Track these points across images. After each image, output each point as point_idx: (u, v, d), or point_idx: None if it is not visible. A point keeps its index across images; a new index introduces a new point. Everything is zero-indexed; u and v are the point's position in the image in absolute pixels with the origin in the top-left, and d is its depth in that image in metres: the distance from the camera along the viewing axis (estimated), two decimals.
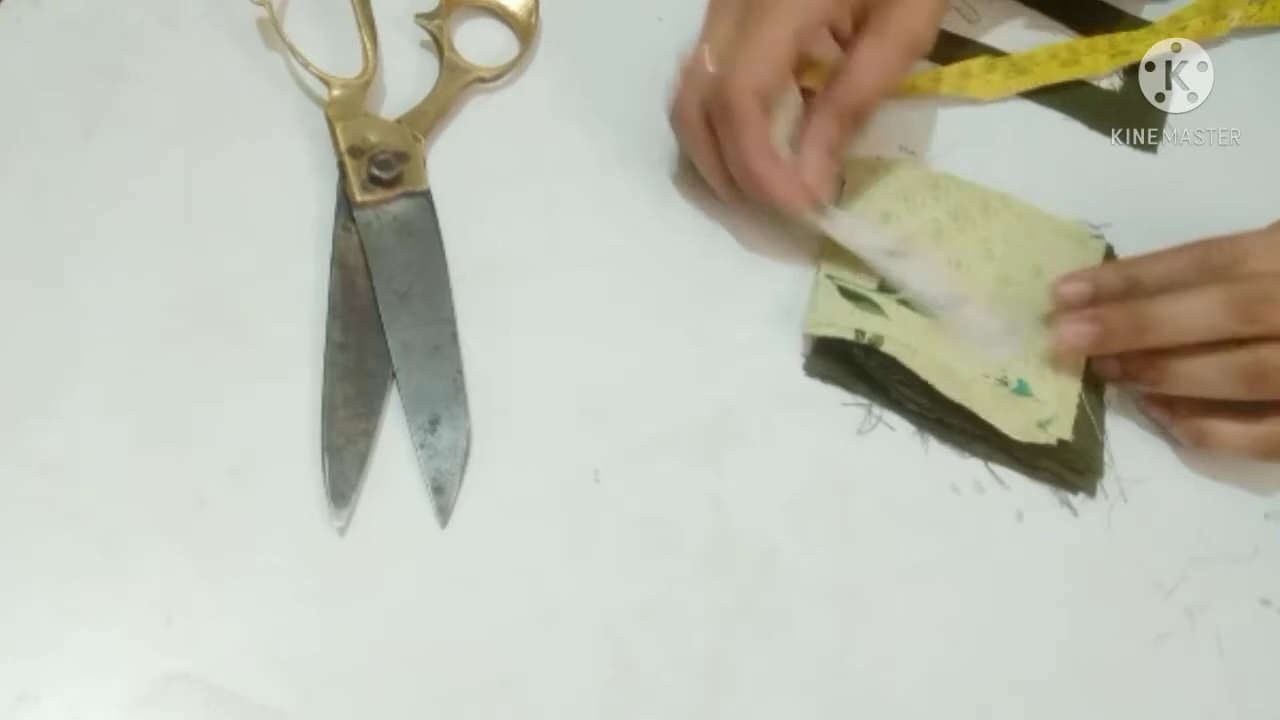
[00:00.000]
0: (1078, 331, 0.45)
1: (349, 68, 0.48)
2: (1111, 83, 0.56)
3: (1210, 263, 0.44)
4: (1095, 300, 0.46)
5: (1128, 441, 0.47)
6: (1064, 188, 0.52)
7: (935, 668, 0.42)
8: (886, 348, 0.44)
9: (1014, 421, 0.44)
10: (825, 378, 0.46)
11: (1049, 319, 0.46)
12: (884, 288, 0.46)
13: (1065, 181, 0.53)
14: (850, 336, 0.45)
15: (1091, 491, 0.45)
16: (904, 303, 0.46)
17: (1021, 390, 0.45)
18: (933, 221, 0.48)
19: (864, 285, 0.47)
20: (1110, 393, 0.48)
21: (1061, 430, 0.45)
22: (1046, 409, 0.45)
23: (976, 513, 0.44)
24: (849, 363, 0.46)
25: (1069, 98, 0.55)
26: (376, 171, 0.45)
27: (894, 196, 0.48)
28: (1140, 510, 0.45)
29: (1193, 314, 0.43)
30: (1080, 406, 0.46)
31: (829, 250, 0.47)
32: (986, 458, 0.45)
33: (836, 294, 0.46)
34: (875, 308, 0.46)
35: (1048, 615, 0.43)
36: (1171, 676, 0.43)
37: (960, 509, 0.44)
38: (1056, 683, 0.42)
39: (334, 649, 0.38)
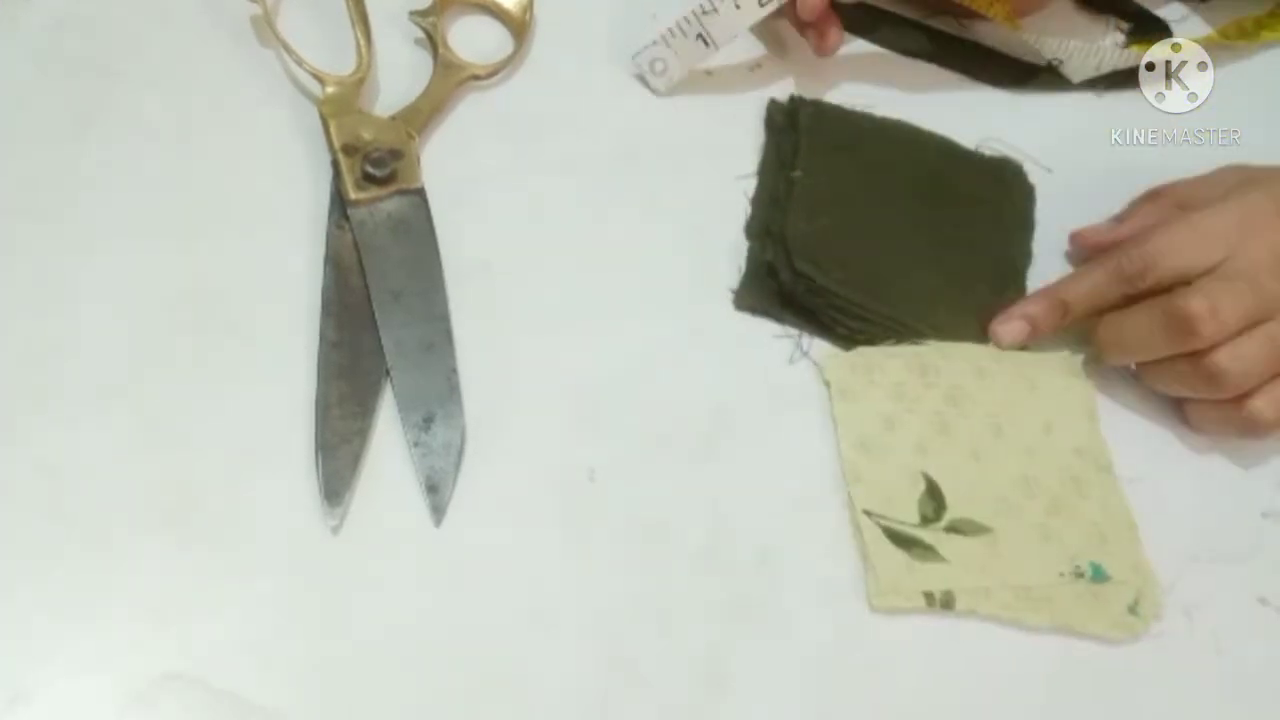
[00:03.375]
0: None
1: (343, 65, 0.47)
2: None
3: (1125, 273, 0.46)
4: (1033, 334, 0.47)
5: (1126, 440, 0.47)
6: (1063, 187, 0.52)
7: (932, 667, 0.42)
8: (961, 605, 0.42)
9: (1106, 617, 0.43)
10: (754, 310, 0.46)
11: (1046, 428, 0.46)
12: (927, 517, 0.43)
13: (1064, 181, 0.53)
14: (921, 603, 0.42)
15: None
16: (953, 529, 0.43)
17: (1098, 576, 0.43)
18: (935, 415, 0.45)
19: (906, 520, 0.43)
20: (1112, 392, 0.48)
21: (1152, 609, 0.43)
22: (1128, 590, 0.43)
23: None
24: (777, 292, 0.46)
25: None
26: (370, 169, 0.45)
27: (888, 397, 0.45)
28: (1137, 509, 0.45)
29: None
30: (1151, 573, 0.44)
31: (853, 471, 0.44)
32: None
33: (887, 542, 0.43)
34: (929, 551, 0.43)
35: None
36: (1169, 675, 0.43)
37: None
38: (1054, 681, 0.42)
39: (328, 648, 0.38)
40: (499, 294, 0.45)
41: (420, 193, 0.46)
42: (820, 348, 0.46)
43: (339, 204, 0.45)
